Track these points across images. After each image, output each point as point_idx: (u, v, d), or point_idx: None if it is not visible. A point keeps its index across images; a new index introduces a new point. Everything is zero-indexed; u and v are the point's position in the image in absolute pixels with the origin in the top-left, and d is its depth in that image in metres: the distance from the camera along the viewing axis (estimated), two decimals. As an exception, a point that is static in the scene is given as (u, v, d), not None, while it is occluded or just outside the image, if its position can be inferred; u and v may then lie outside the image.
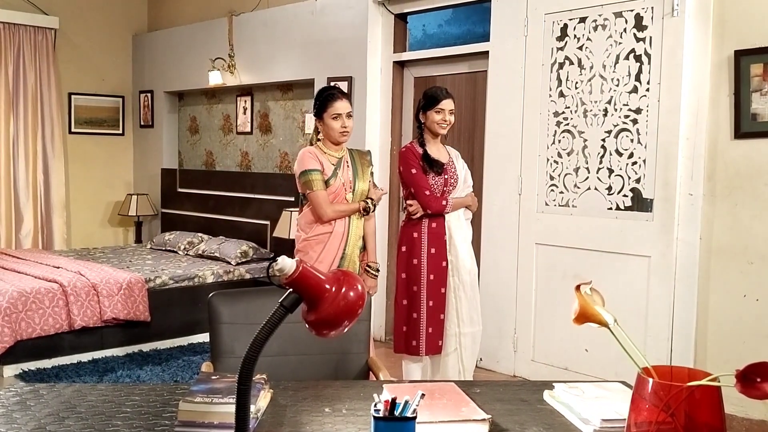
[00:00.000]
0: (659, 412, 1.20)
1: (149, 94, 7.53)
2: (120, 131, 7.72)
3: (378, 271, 3.60)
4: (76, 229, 7.36)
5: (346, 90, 5.49)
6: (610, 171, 4.16)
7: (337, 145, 3.48)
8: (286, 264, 1.19)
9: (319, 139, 3.50)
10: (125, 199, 7.46)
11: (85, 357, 4.77)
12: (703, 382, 1.19)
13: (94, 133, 7.51)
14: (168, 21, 7.47)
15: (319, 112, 3.44)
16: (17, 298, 4.43)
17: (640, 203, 4.05)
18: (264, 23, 6.23)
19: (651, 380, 1.23)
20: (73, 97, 7.31)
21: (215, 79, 6.48)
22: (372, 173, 3.61)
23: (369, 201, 3.49)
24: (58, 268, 5.14)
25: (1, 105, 6.68)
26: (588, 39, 4.23)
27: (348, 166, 3.48)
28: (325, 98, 3.43)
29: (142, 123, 7.66)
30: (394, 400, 1.39)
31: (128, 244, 7.53)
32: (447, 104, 3.60)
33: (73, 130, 7.34)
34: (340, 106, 3.40)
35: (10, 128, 6.75)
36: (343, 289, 1.23)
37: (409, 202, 3.66)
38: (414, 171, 3.61)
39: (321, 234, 3.40)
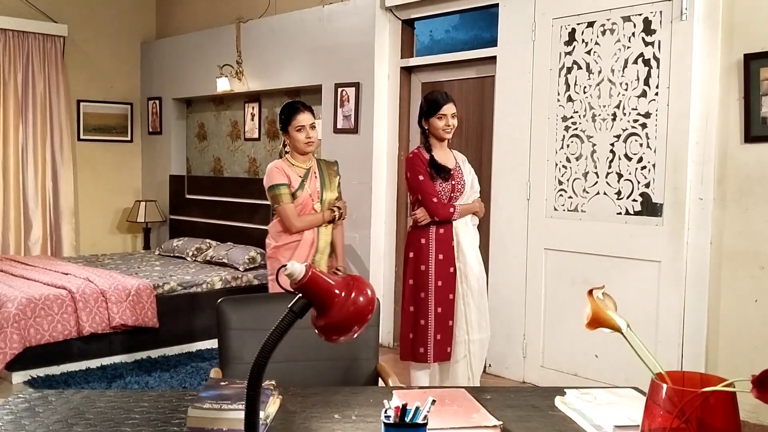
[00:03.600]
0: (673, 419, 1.19)
1: (157, 101, 7.55)
2: (128, 138, 7.74)
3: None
4: (85, 235, 7.38)
5: (353, 95, 5.50)
6: (619, 176, 4.14)
7: (303, 155, 3.66)
8: (295, 269, 1.19)
9: (287, 152, 3.68)
10: (134, 206, 7.48)
11: (94, 363, 4.77)
12: (719, 387, 1.18)
13: (103, 140, 7.54)
14: (176, 28, 7.50)
15: (284, 125, 3.63)
16: (26, 305, 4.44)
17: (650, 208, 4.02)
18: (272, 30, 6.24)
19: (665, 386, 1.21)
20: (81, 104, 7.34)
21: (223, 85, 6.49)
22: (339, 183, 3.79)
23: (336, 210, 3.67)
24: (67, 274, 5.15)
25: (10, 112, 6.71)
26: (596, 43, 4.22)
27: (316, 177, 3.68)
28: (288, 112, 3.62)
29: (151, 130, 7.68)
30: (404, 406, 1.38)
31: (137, 250, 7.55)
32: (449, 109, 3.59)
33: (81, 137, 7.37)
34: (303, 118, 3.59)
35: (19, 135, 6.78)
36: (353, 294, 1.22)
37: (415, 210, 3.65)
38: (421, 178, 3.60)
39: (290, 242, 3.59)
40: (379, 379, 2.34)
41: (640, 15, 4.02)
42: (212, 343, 5.22)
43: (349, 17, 5.57)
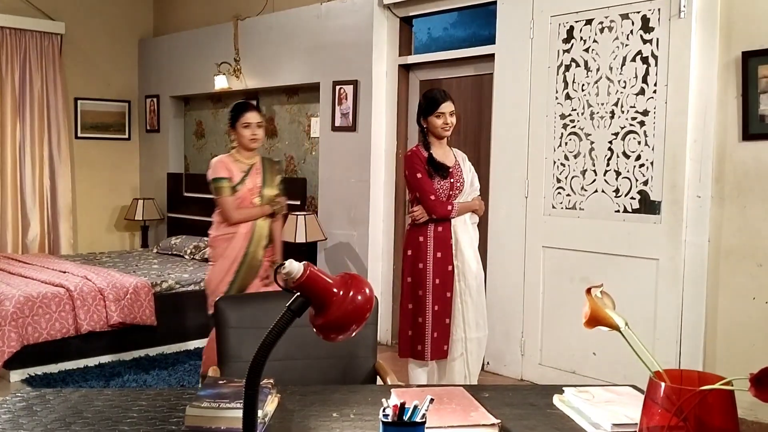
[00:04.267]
0: (671, 417, 1.19)
1: (155, 99, 7.54)
2: (126, 136, 7.73)
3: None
4: (83, 233, 7.38)
5: (351, 93, 5.50)
6: (618, 173, 4.14)
7: (248, 152, 3.88)
8: (293, 267, 1.19)
9: (233, 147, 3.92)
10: (131, 204, 7.47)
11: (92, 362, 4.77)
12: (717, 386, 1.18)
13: (101, 138, 7.52)
14: (174, 26, 7.49)
15: (233, 121, 3.88)
16: (24, 303, 4.44)
17: (648, 206, 4.03)
18: (269, 27, 6.24)
19: (663, 384, 1.21)
20: (79, 102, 7.33)
21: (221, 83, 6.48)
22: (281, 181, 4.00)
23: (276, 204, 3.86)
24: (65, 272, 5.14)
25: (7, 110, 6.70)
26: (594, 41, 4.22)
27: (258, 173, 3.88)
28: (238, 110, 3.89)
29: (148, 128, 7.67)
30: (402, 404, 1.38)
31: (134, 248, 7.54)
32: (446, 107, 3.58)
33: (79, 135, 7.36)
34: (251, 116, 3.85)
35: (16, 133, 6.77)
36: (351, 293, 1.22)
37: (414, 207, 3.65)
38: (419, 175, 3.59)
39: (227, 233, 3.81)
40: (378, 377, 2.34)
41: (639, 13, 4.02)
42: (210, 341, 5.21)
43: (347, 15, 5.56)
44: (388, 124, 5.49)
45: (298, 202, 6.04)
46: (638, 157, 4.05)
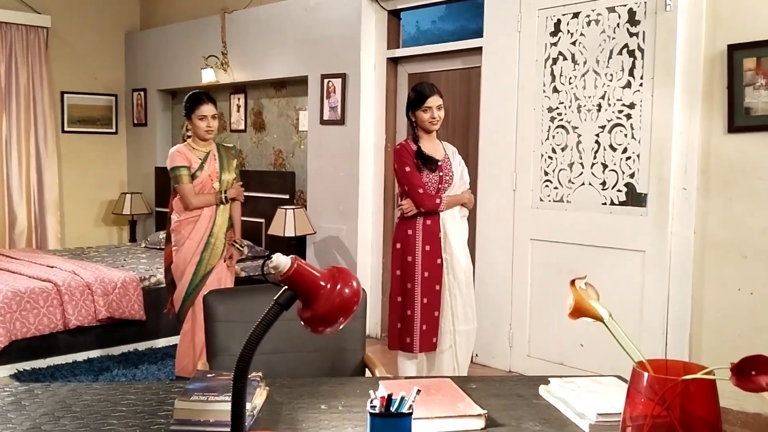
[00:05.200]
0: (654, 406, 1.21)
1: (142, 93, 7.51)
2: (113, 130, 7.70)
3: (243, 246, 4.20)
4: (70, 228, 7.34)
5: (340, 86, 5.49)
6: (604, 166, 4.16)
7: (204, 141, 4.04)
8: (280, 261, 1.19)
9: (189, 136, 4.09)
10: (119, 198, 7.44)
11: (80, 356, 4.76)
12: (698, 375, 1.20)
13: (88, 132, 7.49)
14: (161, 19, 7.45)
15: (188, 113, 4.00)
16: (11, 298, 4.42)
17: (635, 198, 4.05)
18: (257, 20, 6.22)
19: (646, 374, 1.23)
20: (65, 95, 7.29)
21: (208, 76, 6.46)
22: (237, 166, 4.19)
23: (223, 195, 4.03)
24: (53, 267, 5.12)
25: (-7, 104, 6.66)
26: (581, 34, 4.23)
27: (215, 159, 4.07)
28: (193, 101, 4.00)
29: (136, 121, 7.64)
30: (390, 396, 1.39)
31: (122, 243, 7.52)
32: (434, 101, 3.59)
33: (66, 129, 7.32)
34: (206, 108, 3.98)
35: (2, 128, 6.72)
36: (339, 286, 1.23)
37: (402, 201, 3.66)
38: (408, 169, 3.60)
39: (191, 217, 4.01)
40: (367, 369, 2.35)
41: (625, 6, 4.04)
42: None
43: (334, 8, 5.55)
44: (376, 117, 5.49)
45: (287, 196, 6.04)
46: (625, 150, 4.08)
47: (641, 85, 3.98)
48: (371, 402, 1.39)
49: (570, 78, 4.29)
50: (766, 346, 3.48)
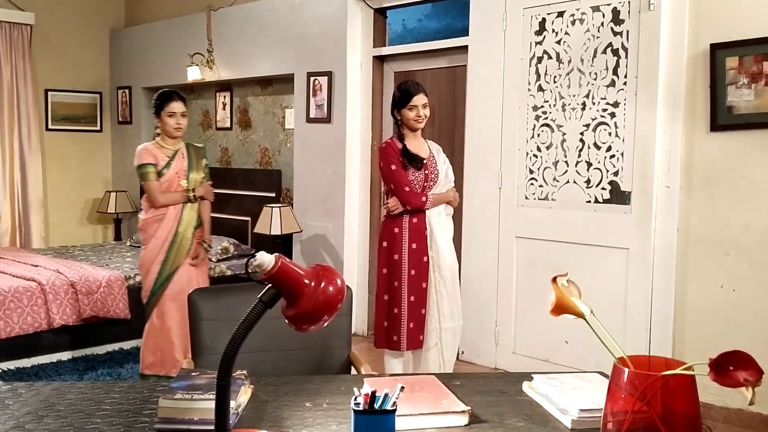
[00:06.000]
0: (635, 401, 1.22)
1: (127, 90, 7.47)
2: (98, 128, 7.65)
3: (210, 247, 4.20)
4: (55, 227, 7.29)
5: (326, 84, 5.49)
6: (589, 164, 4.19)
7: (173, 139, 4.03)
8: (264, 259, 1.20)
9: (158, 134, 4.08)
10: (104, 196, 7.40)
11: (65, 356, 4.73)
12: (678, 371, 1.21)
13: (72, 130, 7.44)
14: (145, 16, 7.41)
15: (158, 110, 4.01)
16: (-5, 297, 4.38)
17: (618, 196, 4.08)
18: (243, 18, 6.20)
19: (627, 370, 1.24)
20: (49, 93, 7.24)
21: (194, 74, 6.44)
22: (206, 165, 4.16)
23: (192, 194, 4.01)
24: (37, 266, 5.09)
25: (-24, 102, 6.59)
26: (566, 33, 4.26)
27: (184, 158, 4.06)
28: (163, 99, 4.00)
29: (120, 119, 7.59)
30: (373, 393, 1.40)
31: (107, 241, 7.47)
32: (419, 99, 3.60)
33: (50, 127, 7.26)
34: (176, 106, 3.98)
35: (-15, 125, 6.66)
36: (323, 284, 1.24)
37: (388, 199, 3.66)
38: (394, 167, 3.61)
39: (157, 215, 3.99)
40: (352, 367, 2.36)
41: (609, 5, 4.06)
42: (185, 334, 5.19)
43: (320, 5, 5.55)
44: (363, 115, 5.49)
45: (273, 194, 6.03)
46: (609, 148, 4.10)
47: (625, 83, 4.01)
48: (355, 399, 1.40)
49: (555, 77, 4.31)
50: (748, 342, 3.52)
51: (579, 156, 4.23)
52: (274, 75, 6.06)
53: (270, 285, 1.22)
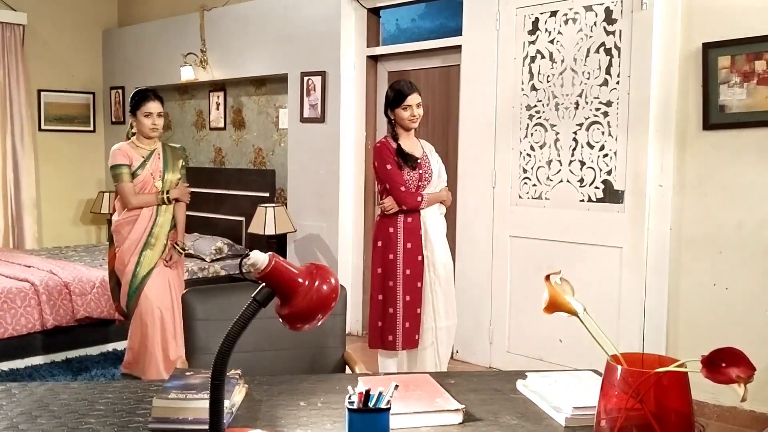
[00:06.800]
0: (628, 399, 1.23)
1: (120, 91, 7.45)
2: (91, 128, 7.63)
3: (184, 249, 4.10)
4: (48, 227, 7.27)
5: (319, 84, 5.49)
6: (582, 163, 4.20)
7: (149, 139, 3.96)
8: (258, 258, 1.20)
9: (134, 133, 3.98)
10: (97, 197, 7.38)
11: (59, 357, 4.71)
12: (670, 368, 1.22)
13: (65, 130, 7.41)
14: (138, 16, 7.39)
15: (134, 109, 3.92)
16: (-12, 298, 4.37)
17: (612, 195, 4.10)
18: (236, 18, 6.19)
19: (620, 367, 1.25)
20: (42, 93, 7.21)
21: (187, 74, 6.43)
22: (183, 166, 4.08)
23: (165, 196, 3.93)
24: (30, 267, 5.07)
25: (-32, 102, 6.57)
26: (559, 33, 4.26)
27: (159, 158, 3.98)
28: (139, 98, 3.93)
29: (114, 119, 7.57)
30: (368, 392, 1.40)
31: (101, 242, 7.45)
32: (413, 99, 3.61)
33: (43, 127, 7.24)
34: (152, 106, 3.91)
35: (-22, 126, 6.64)
36: (317, 283, 1.24)
37: (383, 199, 3.67)
38: (389, 167, 3.61)
39: (130, 217, 3.91)
40: (347, 367, 2.36)
41: (602, 5, 4.07)
42: (179, 335, 5.18)
43: (314, 5, 5.54)
44: (356, 115, 5.49)
45: (267, 194, 6.02)
46: (602, 148, 4.12)
47: (618, 83, 4.03)
48: (349, 398, 1.40)
49: (548, 76, 4.32)
50: (741, 340, 3.53)
51: (572, 155, 4.24)
52: (267, 75, 6.05)
53: (264, 284, 1.22)
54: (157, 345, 3.94)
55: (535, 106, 4.39)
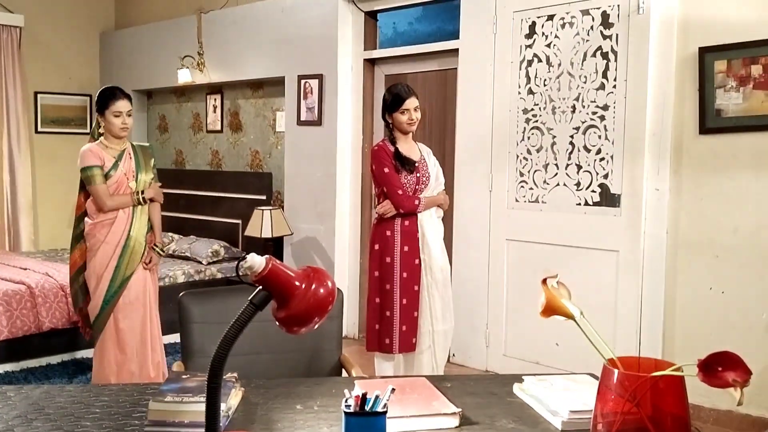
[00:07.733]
0: (625, 403, 1.23)
1: (117, 93, 7.42)
2: (87, 130, 7.60)
3: (164, 250, 4.04)
4: (44, 230, 7.25)
5: (316, 87, 5.49)
6: (579, 167, 4.21)
7: (118, 139, 3.80)
8: (255, 261, 1.19)
9: (101, 134, 3.81)
10: (94, 199, 7.36)
11: (55, 359, 4.70)
12: (667, 372, 1.22)
13: (61, 133, 7.40)
14: (136, 19, 7.39)
15: (102, 108, 3.76)
16: (-17, 301, 4.36)
17: (608, 199, 4.10)
18: (233, 21, 6.19)
19: (616, 371, 1.25)
20: (39, 96, 7.20)
21: (184, 77, 6.42)
22: (154, 165, 3.97)
23: (140, 196, 3.80)
24: (26, 269, 5.06)
25: (-36, 104, 6.56)
26: (556, 37, 4.27)
27: (131, 158, 3.84)
28: (107, 97, 3.76)
29: (111, 122, 7.55)
30: (364, 395, 1.40)
31: (97, 244, 7.43)
32: (411, 103, 3.61)
33: (39, 129, 7.23)
34: (122, 104, 3.75)
35: (-26, 128, 6.63)
36: (313, 286, 1.24)
37: (381, 202, 3.67)
38: (386, 170, 3.61)
39: (106, 219, 3.75)
40: (343, 370, 2.36)
41: (599, 9, 4.08)
42: (175, 337, 5.16)
43: (311, 8, 5.55)
44: (353, 118, 5.50)
45: (264, 197, 6.02)
46: (599, 151, 4.12)
47: (614, 86, 4.03)
48: (346, 401, 1.40)
49: (545, 80, 4.33)
50: (737, 343, 3.54)
51: (569, 159, 4.25)
52: (264, 78, 6.05)
53: (260, 287, 1.22)
54: (138, 355, 3.80)
55: (532, 109, 4.39)
